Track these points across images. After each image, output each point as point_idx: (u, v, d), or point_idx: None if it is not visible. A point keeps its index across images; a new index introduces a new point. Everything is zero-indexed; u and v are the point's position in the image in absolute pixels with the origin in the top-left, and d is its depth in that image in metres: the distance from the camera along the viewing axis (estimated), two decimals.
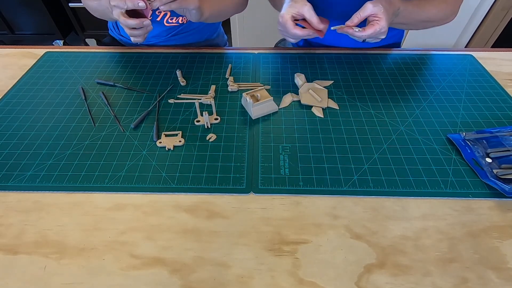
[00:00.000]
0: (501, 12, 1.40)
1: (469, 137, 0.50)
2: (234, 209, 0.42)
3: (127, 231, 0.40)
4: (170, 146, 0.49)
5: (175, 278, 0.36)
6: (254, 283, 0.35)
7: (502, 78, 0.63)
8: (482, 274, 0.36)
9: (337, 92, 0.60)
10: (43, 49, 0.72)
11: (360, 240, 0.39)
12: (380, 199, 0.43)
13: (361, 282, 0.35)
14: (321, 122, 0.54)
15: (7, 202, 0.43)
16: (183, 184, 0.45)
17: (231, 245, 0.38)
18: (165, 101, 0.58)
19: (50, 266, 0.37)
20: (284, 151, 0.49)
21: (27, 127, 0.53)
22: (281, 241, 0.39)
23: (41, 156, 0.48)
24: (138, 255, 0.37)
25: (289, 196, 0.43)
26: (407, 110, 0.56)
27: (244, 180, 0.45)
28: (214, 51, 0.72)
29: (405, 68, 0.66)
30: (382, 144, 0.50)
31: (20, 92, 0.61)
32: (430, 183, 0.44)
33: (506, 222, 0.40)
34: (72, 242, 0.39)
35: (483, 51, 0.71)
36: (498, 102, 0.57)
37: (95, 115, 0.56)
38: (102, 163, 0.47)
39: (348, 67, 0.67)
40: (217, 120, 0.54)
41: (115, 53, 0.71)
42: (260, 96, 0.55)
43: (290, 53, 0.71)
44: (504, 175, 0.44)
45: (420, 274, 0.36)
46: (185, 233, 0.40)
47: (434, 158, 0.48)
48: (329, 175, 0.46)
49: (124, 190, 0.44)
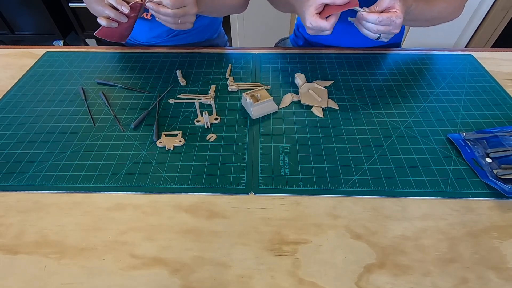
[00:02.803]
0: (501, 12, 1.40)
1: (469, 137, 0.50)
2: (234, 209, 0.42)
3: (127, 231, 0.40)
4: (170, 146, 0.49)
5: (175, 278, 0.36)
6: (254, 283, 0.35)
7: (502, 78, 0.63)
8: (482, 274, 0.36)
9: (337, 92, 0.60)
10: (43, 49, 0.72)
11: (360, 240, 0.39)
12: (380, 199, 0.43)
13: (361, 282, 0.35)
14: (321, 122, 0.54)
15: (7, 202, 0.43)
16: (183, 184, 0.45)
17: (231, 245, 0.38)
18: (165, 101, 0.58)
19: (50, 266, 0.37)
20: (284, 151, 0.49)
21: (27, 127, 0.53)
22: (281, 241, 0.39)
23: (41, 156, 0.48)
24: (138, 255, 0.37)
25: (289, 196, 0.43)
26: (407, 110, 0.56)
27: (244, 180, 0.45)
28: (214, 51, 0.72)
29: (405, 68, 0.66)
30: (382, 144, 0.50)
31: (20, 92, 0.61)
32: (430, 183, 0.44)
33: (506, 222, 0.40)
34: (72, 242, 0.39)
35: (483, 51, 0.71)
36: (498, 102, 0.57)
37: (95, 115, 0.56)
38: (102, 163, 0.47)
39: (348, 67, 0.67)
40: (217, 120, 0.54)
41: (115, 53, 0.71)
42: (260, 96, 0.55)
43: (290, 53, 0.71)
44: (504, 175, 0.44)
45: (420, 274, 0.36)
46: (185, 233, 0.40)
47: (434, 158, 0.48)
48: (329, 175, 0.46)
49: (124, 190, 0.44)
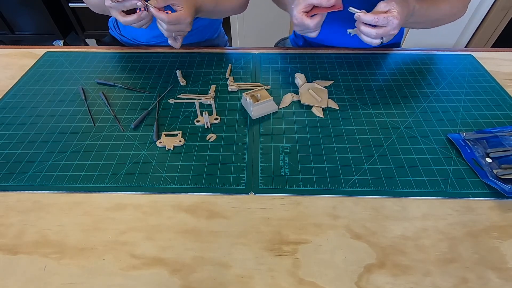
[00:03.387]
0: (501, 12, 1.40)
1: (469, 137, 0.50)
2: (234, 209, 0.42)
3: (127, 231, 0.40)
4: (170, 146, 0.49)
5: (175, 278, 0.36)
6: (254, 283, 0.35)
7: (502, 78, 0.63)
8: (482, 274, 0.36)
9: (337, 92, 0.60)
10: (43, 49, 0.72)
11: (360, 240, 0.39)
12: (380, 199, 0.43)
13: (361, 282, 0.35)
14: (321, 122, 0.54)
15: (7, 202, 0.43)
16: (183, 184, 0.45)
17: (231, 245, 0.38)
18: (165, 101, 0.58)
19: (50, 266, 0.37)
20: (284, 151, 0.49)
21: (27, 127, 0.53)
22: (281, 241, 0.39)
23: (41, 156, 0.48)
24: (138, 255, 0.37)
25: (289, 196, 0.43)
26: (407, 110, 0.56)
27: (244, 180, 0.45)
28: (214, 51, 0.72)
29: (405, 68, 0.66)
30: (382, 144, 0.50)
31: (20, 92, 0.61)
32: (430, 183, 0.44)
33: (506, 222, 0.40)
34: (72, 242, 0.39)
35: (483, 51, 0.71)
36: (498, 102, 0.57)
37: (95, 115, 0.56)
38: (102, 163, 0.47)
39: (348, 67, 0.67)
40: (217, 120, 0.54)
41: (115, 53, 0.71)
42: (260, 96, 0.55)
43: (290, 53, 0.71)
44: (504, 175, 0.44)
45: (420, 274, 0.36)
46: (185, 233, 0.40)
47: (434, 158, 0.48)
48: (329, 175, 0.46)
49: (124, 190, 0.44)
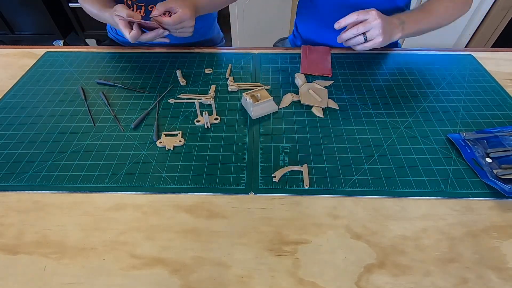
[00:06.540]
0: (501, 12, 1.40)
1: (469, 137, 0.50)
2: (234, 209, 0.42)
3: (127, 231, 0.40)
4: (170, 146, 0.49)
5: (175, 278, 0.36)
6: (254, 283, 0.35)
7: (502, 78, 0.63)
8: (482, 274, 0.36)
9: (337, 92, 0.60)
10: (43, 49, 0.72)
11: (360, 240, 0.39)
12: (380, 199, 0.43)
13: (361, 282, 0.35)
14: (321, 122, 0.54)
15: (7, 202, 0.43)
16: (183, 184, 0.45)
17: (231, 245, 0.38)
18: (165, 101, 0.58)
19: (50, 266, 0.37)
20: (284, 151, 0.49)
21: (27, 127, 0.53)
22: (281, 241, 0.39)
23: (41, 156, 0.48)
24: (138, 255, 0.37)
25: (289, 196, 0.43)
26: (407, 110, 0.56)
27: (244, 180, 0.45)
28: (214, 51, 0.72)
29: (405, 68, 0.66)
30: (382, 144, 0.50)
31: (20, 92, 0.61)
32: (430, 183, 0.44)
33: (506, 222, 0.40)
34: (72, 242, 0.39)
35: (483, 51, 0.71)
36: (498, 102, 0.57)
37: (95, 115, 0.55)
38: (102, 163, 0.47)
39: (348, 67, 0.67)
40: (217, 120, 0.54)
41: (115, 53, 0.71)
42: (260, 96, 0.55)
43: (290, 53, 0.71)
44: (504, 175, 0.44)
45: (420, 274, 0.36)
46: (185, 233, 0.40)
47: (434, 158, 0.48)
48: (329, 175, 0.46)
49: (124, 190, 0.44)
